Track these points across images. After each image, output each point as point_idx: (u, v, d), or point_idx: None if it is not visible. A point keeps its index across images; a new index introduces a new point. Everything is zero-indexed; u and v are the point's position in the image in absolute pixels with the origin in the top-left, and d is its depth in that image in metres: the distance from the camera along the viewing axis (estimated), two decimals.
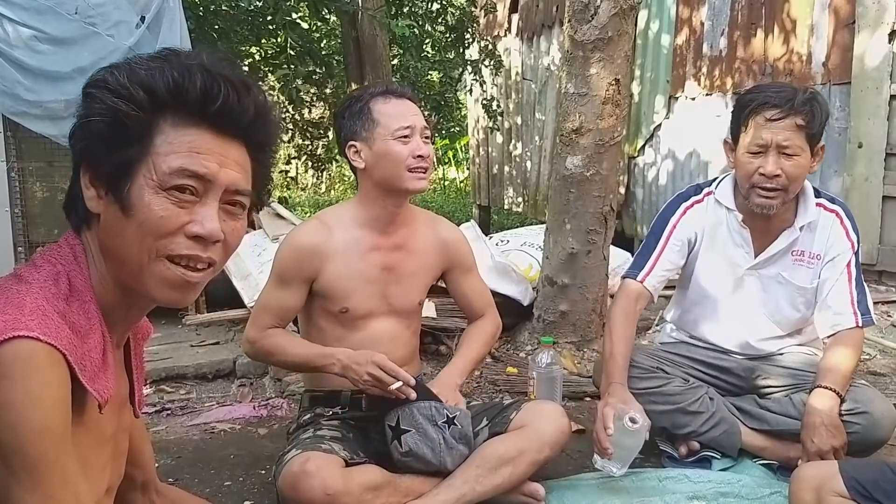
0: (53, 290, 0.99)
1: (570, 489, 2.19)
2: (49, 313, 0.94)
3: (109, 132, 0.99)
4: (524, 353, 3.61)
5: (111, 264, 1.04)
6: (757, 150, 2.20)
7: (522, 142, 8.71)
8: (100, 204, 1.02)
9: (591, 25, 3.35)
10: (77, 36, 3.75)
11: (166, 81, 0.98)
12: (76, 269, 1.03)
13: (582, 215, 3.51)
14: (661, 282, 2.41)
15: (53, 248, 1.05)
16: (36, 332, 0.90)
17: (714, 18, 5.93)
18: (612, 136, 3.46)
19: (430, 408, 2.00)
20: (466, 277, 2.33)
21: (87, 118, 1.00)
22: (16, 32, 3.67)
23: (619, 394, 2.18)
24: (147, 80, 0.98)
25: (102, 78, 1.00)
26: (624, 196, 6.70)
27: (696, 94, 6.13)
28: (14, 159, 3.91)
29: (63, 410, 0.92)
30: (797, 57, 5.24)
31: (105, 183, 1.01)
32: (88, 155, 1.02)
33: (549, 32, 7.90)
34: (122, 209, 0.99)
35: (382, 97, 2.10)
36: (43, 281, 0.99)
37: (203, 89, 0.99)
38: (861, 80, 4.81)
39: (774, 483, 2.21)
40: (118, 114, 0.98)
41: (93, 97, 1.00)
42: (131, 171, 0.99)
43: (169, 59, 1.00)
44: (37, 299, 0.95)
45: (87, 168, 1.03)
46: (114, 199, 1.00)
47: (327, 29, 9.04)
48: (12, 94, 3.66)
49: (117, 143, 0.99)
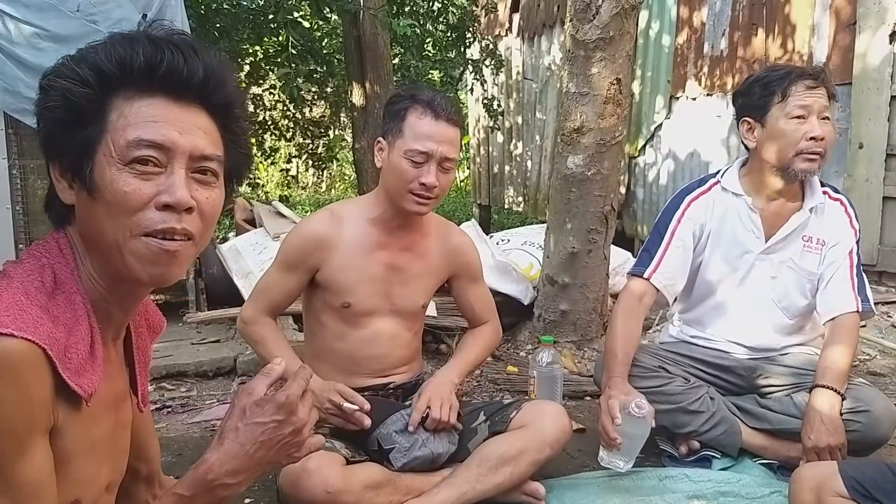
0: (36, 284, 0.98)
1: (571, 488, 2.19)
2: (26, 307, 0.93)
3: (64, 117, 0.99)
4: (524, 352, 3.61)
5: (95, 254, 1.04)
6: (801, 115, 2.24)
7: (523, 141, 8.72)
8: (72, 194, 1.02)
9: (593, 25, 3.36)
10: (79, 34, 3.75)
11: (110, 57, 0.98)
12: (61, 262, 1.02)
13: (583, 215, 3.52)
14: (669, 280, 2.40)
15: (40, 244, 1.04)
16: (10, 329, 0.89)
17: (715, 18, 5.94)
18: (614, 135, 3.46)
19: (400, 418, 2.03)
20: (473, 286, 2.32)
21: (43, 107, 1.00)
22: (17, 30, 3.67)
23: (620, 386, 2.18)
24: (93, 59, 0.99)
25: (54, 67, 1.00)
26: (624, 196, 6.71)
27: (696, 94, 6.14)
28: (15, 156, 3.91)
29: (29, 411, 0.91)
30: (798, 57, 5.24)
31: (70, 170, 1.01)
32: (50, 145, 1.02)
33: (549, 32, 7.90)
34: (89, 193, 0.99)
35: (421, 110, 2.03)
36: (25, 275, 0.98)
37: (147, 57, 0.98)
38: (862, 81, 4.81)
39: (774, 483, 2.21)
40: (68, 96, 0.98)
41: (46, 88, 1.00)
42: (91, 152, 0.99)
43: (114, 38, 1.01)
44: (14, 294, 0.94)
45: (52, 159, 1.03)
46: (80, 185, 1.00)
47: (328, 28, 9.03)
48: (13, 92, 3.66)
49: (73, 127, 0.99)
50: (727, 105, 5.74)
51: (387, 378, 2.19)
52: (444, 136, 2.02)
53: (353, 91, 7.35)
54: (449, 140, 2.03)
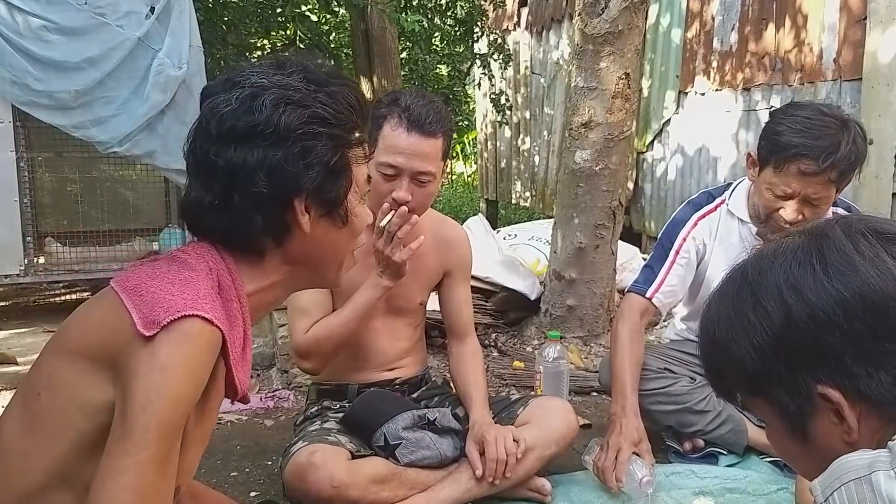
0: (212, 282, 1.11)
1: (577, 484, 2.19)
2: (216, 301, 1.08)
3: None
4: (531, 347, 3.60)
5: (299, 269, 1.22)
6: (782, 195, 2.10)
7: (531, 136, 8.69)
8: (306, 222, 1.17)
9: (602, 19, 3.34)
10: (86, 26, 3.75)
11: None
12: (223, 270, 1.14)
13: (590, 210, 3.50)
14: (669, 298, 2.37)
15: (203, 249, 1.16)
16: (210, 315, 1.03)
17: (725, 13, 5.90)
18: (622, 130, 3.45)
19: (409, 417, 2.01)
20: (462, 287, 2.26)
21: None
22: (25, 22, 3.68)
23: (632, 431, 2.12)
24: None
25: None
26: (632, 191, 6.68)
27: (705, 89, 6.10)
28: (23, 149, 3.91)
29: (198, 393, 1.04)
30: (808, 52, 5.21)
31: (324, 206, 1.18)
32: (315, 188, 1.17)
33: (558, 26, 7.87)
34: (344, 223, 1.22)
35: (396, 121, 1.93)
36: (205, 272, 1.11)
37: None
38: (872, 77, 4.78)
39: (781, 479, 2.20)
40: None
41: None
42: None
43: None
44: (207, 286, 1.08)
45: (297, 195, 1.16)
46: (327, 215, 1.19)
47: (336, 22, 9.04)
48: (22, 84, 3.67)
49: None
50: (736, 100, 5.71)
51: (392, 372, 2.19)
52: (417, 150, 1.92)
53: (360, 85, 7.35)
54: (422, 154, 1.92)
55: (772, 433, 0.93)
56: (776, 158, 2.09)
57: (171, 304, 1.02)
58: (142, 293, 1.04)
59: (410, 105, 1.93)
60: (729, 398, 0.97)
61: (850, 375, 0.81)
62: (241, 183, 1.11)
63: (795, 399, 0.84)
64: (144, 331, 1.00)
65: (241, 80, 1.14)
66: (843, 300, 0.80)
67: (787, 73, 5.34)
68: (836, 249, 0.83)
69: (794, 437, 0.88)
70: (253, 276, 1.18)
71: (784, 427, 0.88)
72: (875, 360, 0.80)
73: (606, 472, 2.06)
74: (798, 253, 0.86)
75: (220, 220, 1.15)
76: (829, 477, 0.76)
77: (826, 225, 0.87)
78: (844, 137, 2.03)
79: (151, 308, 1.02)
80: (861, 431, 0.82)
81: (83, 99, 3.73)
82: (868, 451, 0.77)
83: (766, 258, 0.89)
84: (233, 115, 1.11)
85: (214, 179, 1.13)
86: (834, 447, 0.82)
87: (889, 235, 0.83)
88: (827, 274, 0.82)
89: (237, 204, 1.12)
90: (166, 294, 1.03)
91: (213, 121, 1.12)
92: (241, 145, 1.10)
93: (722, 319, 0.90)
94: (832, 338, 0.81)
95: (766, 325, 0.85)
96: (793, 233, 0.90)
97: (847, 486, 0.74)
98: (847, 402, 0.81)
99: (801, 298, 0.83)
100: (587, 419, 2.67)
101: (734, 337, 0.88)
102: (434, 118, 1.94)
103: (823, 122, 2.05)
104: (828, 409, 0.83)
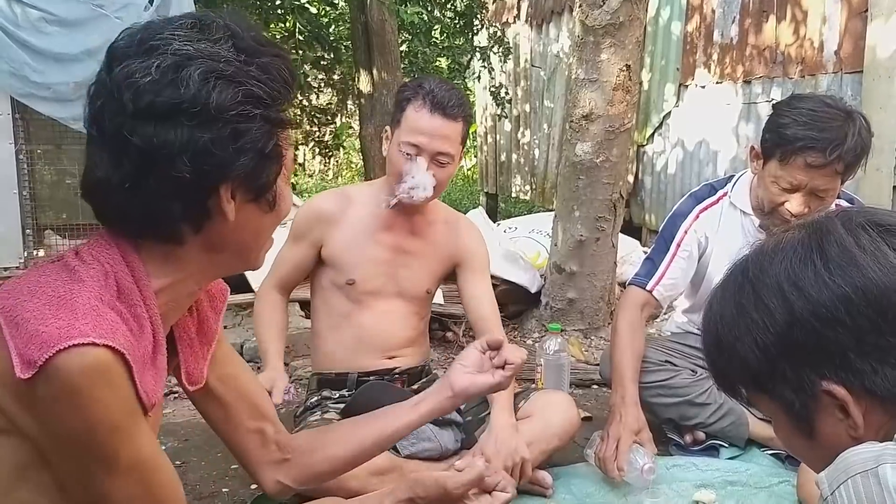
0: (108, 288, 0.99)
1: (577, 476, 2.18)
2: (104, 312, 0.94)
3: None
4: (532, 340, 3.60)
5: (219, 256, 1.09)
6: (787, 188, 2.08)
7: (531, 129, 8.68)
8: (231, 209, 1.04)
9: (603, 10, 3.34)
10: (85, 18, 3.75)
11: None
12: (124, 271, 1.01)
13: (591, 202, 3.50)
14: (670, 291, 2.36)
15: (99, 246, 1.03)
16: (91, 337, 0.89)
17: (725, 6, 5.88)
18: (623, 122, 3.44)
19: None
20: (477, 278, 2.26)
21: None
22: (24, 14, 3.67)
23: (633, 416, 2.12)
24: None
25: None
26: (633, 184, 6.68)
27: (706, 82, 6.09)
28: (23, 141, 3.92)
29: (126, 403, 0.95)
30: (809, 45, 5.19)
31: (252, 192, 1.06)
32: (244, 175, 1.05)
33: (558, 19, 7.85)
34: (271, 208, 1.09)
35: (420, 103, 2.01)
36: (96, 279, 0.98)
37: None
38: (873, 70, 4.77)
39: (783, 472, 2.20)
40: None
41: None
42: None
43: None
44: (90, 299, 0.94)
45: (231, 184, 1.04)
46: (254, 200, 1.06)
47: (336, 14, 9.00)
48: (20, 76, 3.66)
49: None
50: (737, 93, 5.70)
51: (393, 360, 2.19)
52: (439, 131, 2.00)
53: (360, 78, 7.33)
54: (444, 135, 2.01)
55: (778, 429, 0.92)
56: (782, 151, 2.07)
57: (43, 338, 0.88)
58: (17, 321, 0.91)
59: (434, 89, 2.02)
60: (734, 396, 0.96)
61: (854, 371, 0.80)
62: (159, 165, 0.96)
63: (800, 396, 0.84)
64: (21, 374, 0.88)
65: (159, 43, 0.97)
66: (845, 295, 0.80)
67: (788, 65, 5.33)
68: (836, 244, 0.82)
69: (800, 433, 0.87)
70: (167, 268, 1.05)
71: (790, 423, 0.88)
72: (879, 355, 0.80)
73: (608, 461, 2.06)
74: (798, 248, 0.85)
75: (131, 204, 0.99)
76: (835, 470, 0.75)
77: (826, 219, 0.86)
78: (850, 129, 2.01)
79: (26, 343, 0.89)
80: (866, 426, 0.81)
81: (82, 91, 3.71)
82: (875, 443, 0.77)
83: (766, 254, 0.88)
84: (153, 89, 0.95)
85: (125, 157, 0.97)
86: (840, 442, 0.82)
87: (890, 228, 0.83)
88: (828, 269, 0.81)
89: (153, 188, 0.98)
90: (39, 323, 0.90)
91: (129, 92, 0.95)
92: (162, 123, 0.95)
93: (725, 318, 0.90)
94: (835, 334, 0.80)
95: (768, 322, 0.84)
96: (793, 226, 0.90)
97: (854, 480, 0.73)
98: (852, 397, 0.81)
99: (803, 295, 0.82)
100: (588, 412, 2.67)
101: (738, 335, 0.87)
102: (456, 102, 2.02)
103: (829, 114, 2.04)
104: (833, 405, 0.82)
